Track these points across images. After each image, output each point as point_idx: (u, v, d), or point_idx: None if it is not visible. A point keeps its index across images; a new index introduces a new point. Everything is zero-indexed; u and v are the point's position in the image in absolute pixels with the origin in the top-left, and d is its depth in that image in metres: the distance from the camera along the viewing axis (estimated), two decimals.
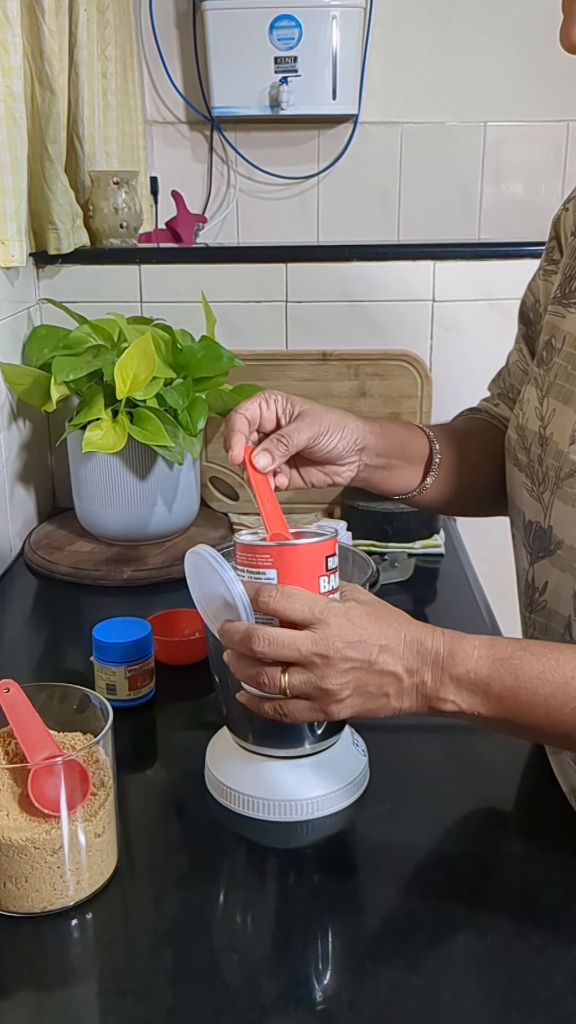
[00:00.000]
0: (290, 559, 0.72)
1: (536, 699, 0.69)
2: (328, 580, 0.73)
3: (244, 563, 0.74)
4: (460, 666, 0.69)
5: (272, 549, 0.72)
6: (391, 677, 0.70)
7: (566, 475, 0.78)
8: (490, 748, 0.98)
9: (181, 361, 1.46)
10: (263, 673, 0.70)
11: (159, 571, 1.41)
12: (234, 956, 0.73)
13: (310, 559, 0.72)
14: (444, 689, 0.70)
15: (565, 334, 0.82)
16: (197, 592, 0.79)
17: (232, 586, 0.72)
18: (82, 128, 1.66)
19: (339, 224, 2.12)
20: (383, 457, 0.90)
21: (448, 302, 1.65)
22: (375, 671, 0.69)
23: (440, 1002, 0.67)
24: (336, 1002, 0.68)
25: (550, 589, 0.83)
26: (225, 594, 0.72)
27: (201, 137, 2.09)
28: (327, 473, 0.88)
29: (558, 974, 0.69)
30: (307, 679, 0.69)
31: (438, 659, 0.70)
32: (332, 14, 1.88)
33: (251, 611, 0.71)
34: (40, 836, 0.74)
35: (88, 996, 0.70)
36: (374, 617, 0.71)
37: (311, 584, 0.72)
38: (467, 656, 0.70)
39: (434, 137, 2.07)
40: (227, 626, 0.71)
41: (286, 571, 0.71)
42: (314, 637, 0.68)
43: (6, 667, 1.17)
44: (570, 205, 0.90)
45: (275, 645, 0.68)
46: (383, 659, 0.69)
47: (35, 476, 1.62)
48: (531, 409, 0.84)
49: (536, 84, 2.01)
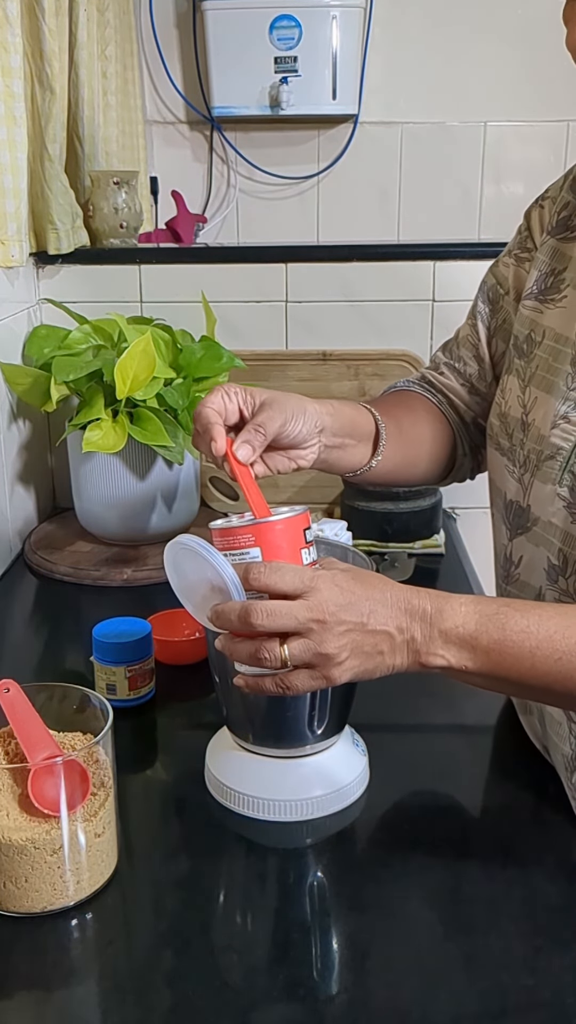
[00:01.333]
0: (271, 535, 0.74)
1: (522, 651, 0.71)
2: (308, 552, 0.75)
3: (225, 547, 0.75)
4: (448, 621, 0.72)
5: (252, 528, 0.73)
6: (384, 635, 0.72)
7: (546, 457, 0.84)
8: (491, 748, 0.98)
9: (181, 361, 1.46)
10: (262, 648, 0.71)
11: (159, 571, 1.41)
12: (234, 956, 0.73)
13: (290, 533, 0.74)
14: (433, 643, 0.72)
15: (545, 328, 0.88)
16: (179, 584, 0.79)
17: (223, 569, 0.72)
18: (82, 128, 1.66)
19: (339, 224, 2.12)
20: (338, 437, 0.93)
21: (448, 302, 1.65)
22: (368, 631, 0.71)
23: (440, 1002, 0.67)
24: (336, 1002, 0.68)
25: (524, 562, 0.89)
26: (214, 578, 0.73)
27: (201, 137, 2.09)
28: (291, 458, 0.90)
29: (558, 974, 0.70)
30: (306, 646, 0.71)
31: (426, 615, 0.72)
32: (332, 14, 1.88)
33: (243, 591, 0.72)
34: (40, 836, 0.74)
35: (88, 996, 0.70)
36: (360, 581, 0.73)
37: (294, 557, 0.74)
38: (454, 612, 0.72)
39: (434, 137, 2.07)
40: (221, 607, 0.72)
41: (269, 548, 0.73)
42: (308, 604, 0.70)
43: (6, 667, 1.17)
44: (545, 203, 0.95)
45: (273, 616, 0.70)
46: (374, 619, 0.71)
47: (35, 476, 1.62)
48: (513, 397, 0.90)
49: (536, 84, 2.00)
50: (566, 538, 0.82)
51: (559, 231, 0.90)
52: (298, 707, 0.85)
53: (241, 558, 0.73)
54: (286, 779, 0.87)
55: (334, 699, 0.86)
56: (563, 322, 0.86)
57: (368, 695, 0.95)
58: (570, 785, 0.87)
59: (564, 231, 0.90)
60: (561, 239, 0.90)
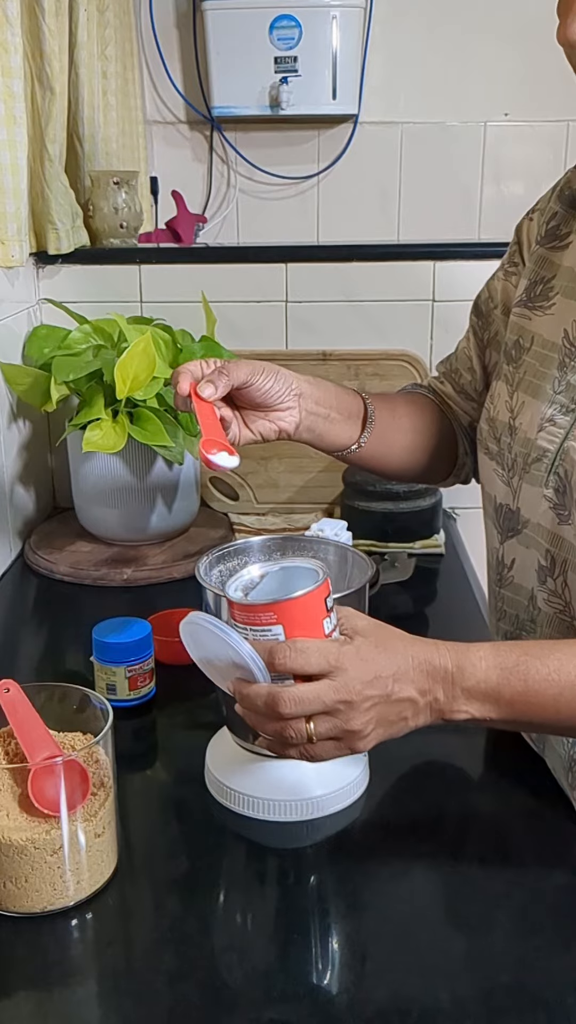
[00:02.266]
0: (293, 612, 0.71)
1: (546, 700, 0.72)
2: (330, 620, 0.73)
3: (245, 621, 0.73)
4: (470, 678, 0.72)
5: (274, 606, 0.71)
6: (408, 703, 0.72)
7: (533, 460, 0.85)
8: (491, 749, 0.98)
9: (181, 361, 1.46)
10: (289, 727, 0.71)
11: (159, 571, 1.41)
12: (234, 956, 0.73)
13: (312, 607, 0.72)
14: (456, 702, 0.73)
15: (533, 334, 0.89)
16: (198, 656, 0.78)
17: (240, 648, 0.71)
18: (82, 128, 1.66)
19: (339, 224, 2.12)
20: (322, 407, 0.95)
21: (448, 302, 1.65)
22: (393, 701, 0.72)
23: (440, 1002, 0.67)
24: (336, 1002, 0.68)
25: (517, 565, 0.90)
26: (234, 657, 0.72)
27: (201, 137, 2.09)
28: (271, 419, 0.92)
29: (558, 974, 0.70)
30: (333, 724, 0.71)
31: (447, 675, 0.72)
32: (332, 14, 1.88)
33: (266, 672, 0.71)
34: (40, 836, 0.74)
35: (88, 996, 0.70)
36: (382, 648, 0.72)
37: (316, 630, 0.72)
38: (475, 668, 0.72)
39: (434, 137, 2.07)
40: (247, 691, 0.72)
41: (291, 624, 0.71)
42: (335, 686, 0.70)
43: (6, 667, 1.17)
44: (534, 216, 0.97)
45: (301, 704, 0.69)
46: (398, 688, 0.71)
47: (35, 476, 1.62)
48: (501, 402, 0.91)
49: (536, 84, 2.00)
50: (553, 539, 0.83)
51: (548, 240, 0.92)
52: None
53: (263, 635, 0.72)
54: (286, 779, 0.87)
55: None
56: (551, 328, 0.87)
57: None
58: (568, 784, 0.88)
59: (553, 240, 0.91)
60: (550, 248, 0.91)
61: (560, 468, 0.82)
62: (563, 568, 0.83)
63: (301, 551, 0.96)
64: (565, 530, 0.82)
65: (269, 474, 1.67)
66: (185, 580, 1.39)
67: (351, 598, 0.85)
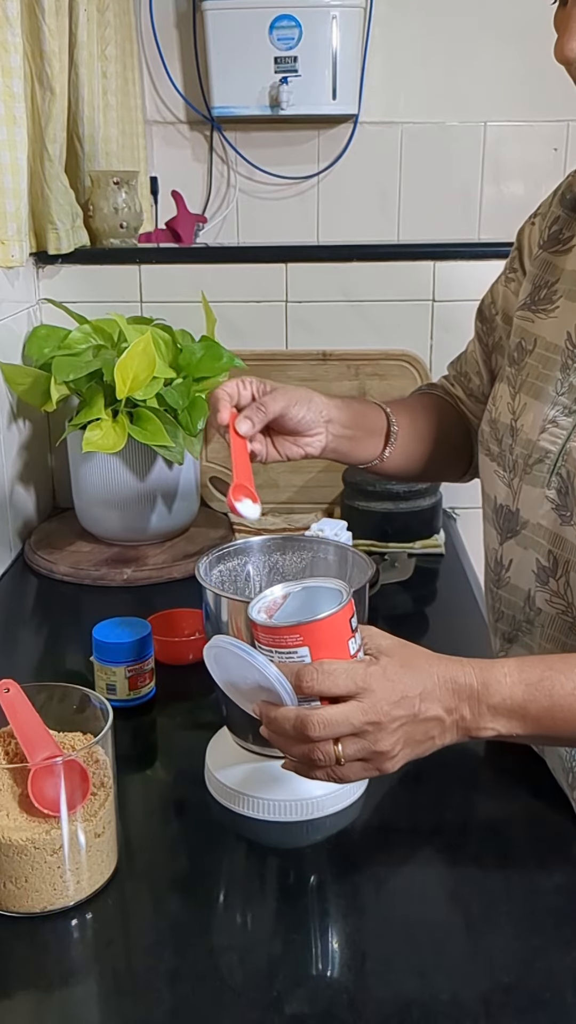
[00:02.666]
0: (320, 633, 0.71)
1: (572, 714, 0.73)
2: (355, 641, 0.73)
3: (270, 644, 0.72)
4: (495, 696, 0.72)
5: (300, 628, 0.71)
6: (435, 721, 0.73)
7: (535, 461, 0.85)
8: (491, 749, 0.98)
9: (181, 361, 1.46)
10: (316, 750, 0.70)
11: (159, 571, 1.41)
12: (234, 956, 0.73)
13: (338, 628, 0.72)
14: (483, 719, 0.73)
15: (535, 337, 0.90)
16: (222, 678, 0.78)
17: (267, 671, 0.71)
18: (82, 128, 1.66)
19: (339, 224, 2.12)
20: (347, 429, 0.99)
21: (448, 302, 1.65)
22: (420, 720, 0.72)
23: (440, 1002, 0.67)
24: (336, 1002, 0.68)
25: (514, 566, 0.90)
26: (260, 680, 0.72)
27: (201, 137, 2.09)
28: (299, 444, 0.96)
29: (558, 975, 0.70)
30: (362, 746, 0.71)
31: (473, 692, 0.73)
32: (332, 14, 1.88)
33: (293, 692, 0.71)
34: (40, 836, 0.74)
35: (88, 996, 0.70)
36: (408, 667, 0.72)
37: (342, 650, 0.72)
38: (500, 684, 0.73)
39: (434, 137, 2.07)
40: (275, 715, 0.72)
41: (317, 645, 0.71)
42: (363, 707, 0.70)
43: (6, 667, 1.17)
44: (536, 220, 0.98)
45: (330, 727, 0.69)
46: (425, 707, 0.72)
47: (35, 476, 1.62)
48: (503, 404, 0.92)
49: (536, 84, 2.00)
50: (555, 540, 0.83)
51: (550, 244, 0.93)
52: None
53: (289, 657, 0.71)
54: (286, 779, 0.87)
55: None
56: (554, 331, 0.88)
57: None
58: (568, 785, 0.88)
59: (555, 244, 0.92)
60: (552, 252, 0.92)
61: (563, 469, 0.82)
62: (566, 569, 0.83)
63: (301, 551, 0.96)
64: (568, 531, 0.82)
65: (269, 474, 1.67)
66: (185, 580, 1.39)
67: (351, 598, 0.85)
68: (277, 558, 0.96)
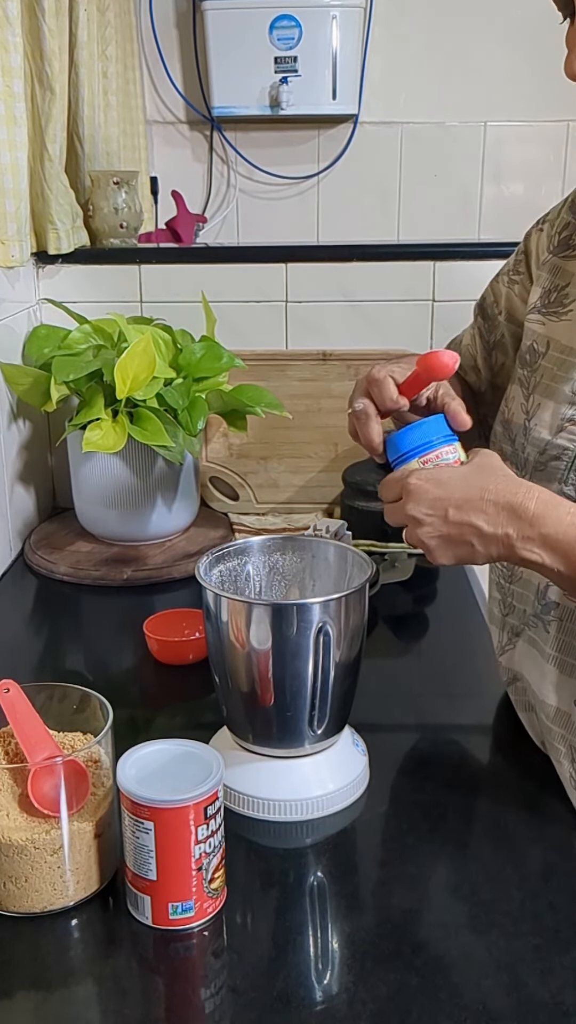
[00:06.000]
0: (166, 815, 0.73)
1: None
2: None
3: (130, 810, 0.74)
4: (549, 526, 0.76)
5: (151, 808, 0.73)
6: (469, 528, 0.78)
7: (551, 458, 0.87)
8: (491, 747, 0.98)
9: (181, 361, 1.46)
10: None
11: (159, 571, 1.41)
12: (234, 956, 0.73)
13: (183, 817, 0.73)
14: (530, 543, 0.77)
15: (548, 339, 0.92)
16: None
17: None
18: (82, 128, 1.66)
19: (339, 224, 2.12)
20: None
21: (448, 302, 1.65)
22: (451, 523, 0.78)
23: (440, 1002, 0.67)
24: (336, 1002, 0.68)
25: None
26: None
27: (201, 137, 2.09)
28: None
29: (558, 974, 0.70)
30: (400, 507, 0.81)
31: (526, 516, 0.77)
32: (332, 14, 1.88)
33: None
34: (40, 836, 0.74)
35: (88, 996, 0.70)
36: (462, 477, 0.80)
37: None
38: (559, 520, 0.76)
39: (434, 137, 2.07)
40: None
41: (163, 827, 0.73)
42: (407, 503, 0.81)
43: (6, 667, 1.17)
44: (544, 226, 0.99)
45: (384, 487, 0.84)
46: (458, 514, 0.78)
47: (35, 476, 1.62)
48: (516, 405, 0.94)
49: (536, 84, 2.00)
50: None
51: (560, 250, 0.95)
52: (298, 706, 0.85)
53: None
54: (286, 779, 0.87)
55: (334, 698, 0.87)
56: (569, 333, 0.90)
57: (368, 695, 0.95)
58: (570, 783, 0.88)
59: (566, 249, 0.95)
60: (563, 257, 0.94)
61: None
62: None
63: (301, 551, 0.96)
64: None
65: (269, 474, 1.67)
66: (185, 580, 1.39)
67: (351, 598, 0.85)
68: (277, 558, 0.96)
